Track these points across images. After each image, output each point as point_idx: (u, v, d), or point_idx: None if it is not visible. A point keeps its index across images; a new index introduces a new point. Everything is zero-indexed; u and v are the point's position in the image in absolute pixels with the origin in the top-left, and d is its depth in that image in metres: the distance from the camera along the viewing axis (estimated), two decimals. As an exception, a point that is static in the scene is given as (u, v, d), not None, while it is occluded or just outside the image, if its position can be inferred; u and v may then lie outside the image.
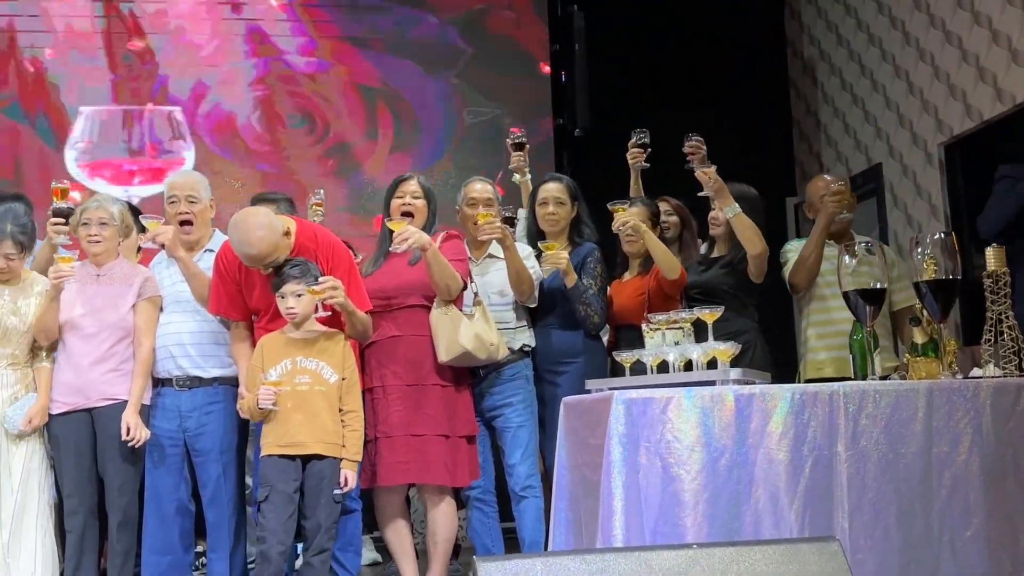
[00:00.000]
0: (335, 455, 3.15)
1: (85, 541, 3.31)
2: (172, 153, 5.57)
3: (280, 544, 3.07)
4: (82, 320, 3.34)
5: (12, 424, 3.22)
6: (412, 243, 3.21)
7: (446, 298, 3.35)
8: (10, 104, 5.52)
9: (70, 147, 5.47)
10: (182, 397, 3.42)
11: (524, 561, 1.82)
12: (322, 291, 3.08)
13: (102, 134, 5.54)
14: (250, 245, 3.04)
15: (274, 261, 3.12)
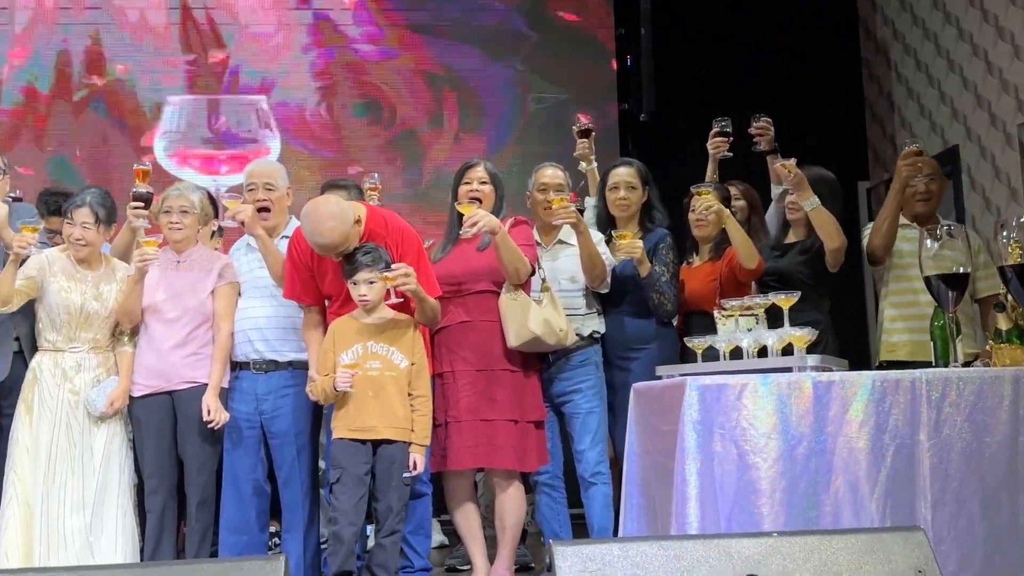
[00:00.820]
0: (404, 439, 3.19)
1: (165, 520, 3.41)
2: (258, 143, 5.67)
3: (352, 525, 3.13)
4: (163, 305, 3.43)
5: (94, 406, 3.32)
6: (482, 226, 3.22)
7: (515, 282, 3.36)
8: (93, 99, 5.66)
9: (159, 138, 5.61)
10: (259, 380, 3.49)
11: (601, 546, 1.82)
12: (394, 278, 3.12)
13: (189, 124, 5.67)
14: (321, 235, 3.08)
15: (345, 249, 3.17)
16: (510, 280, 3.36)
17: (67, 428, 3.29)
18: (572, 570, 1.77)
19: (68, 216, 3.34)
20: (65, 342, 3.33)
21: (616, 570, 1.78)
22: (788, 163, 3.51)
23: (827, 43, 6.19)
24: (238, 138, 5.69)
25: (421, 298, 3.20)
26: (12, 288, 3.21)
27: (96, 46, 5.69)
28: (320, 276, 3.31)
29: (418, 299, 3.21)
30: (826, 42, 6.19)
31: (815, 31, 6.12)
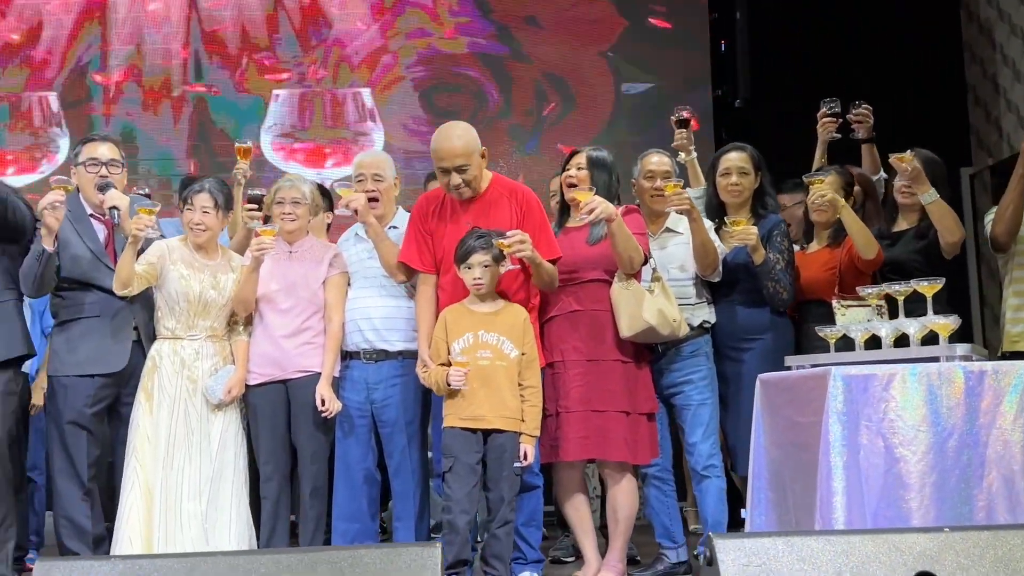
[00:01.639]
0: (514, 430, 3.17)
1: (279, 507, 3.44)
2: (362, 135, 5.71)
3: (465, 513, 3.12)
4: (277, 295, 3.47)
5: (213, 394, 3.37)
6: (599, 213, 3.18)
7: (628, 271, 3.31)
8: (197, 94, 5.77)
9: (264, 132, 5.68)
10: (369, 370, 3.51)
11: (764, 540, 1.77)
12: (510, 244, 3.11)
13: (294, 117, 5.73)
14: (449, 139, 3.23)
15: (468, 175, 3.21)
16: (624, 269, 3.31)
17: (185, 415, 3.34)
18: (735, 564, 1.73)
19: (188, 202, 3.39)
20: (184, 330, 3.39)
21: (781, 565, 1.73)
22: (905, 156, 3.39)
23: (926, 26, 5.98)
24: (342, 130, 5.72)
25: (537, 264, 3.20)
26: (132, 271, 3.27)
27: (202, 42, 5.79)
28: (438, 238, 3.33)
29: (534, 264, 3.21)
30: (925, 25, 5.98)
31: (914, 13, 5.92)
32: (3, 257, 3.31)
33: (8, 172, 5.29)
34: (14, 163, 5.47)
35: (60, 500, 3.37)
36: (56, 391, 3.39)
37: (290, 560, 1.69)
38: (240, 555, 1.69)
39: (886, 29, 5.84)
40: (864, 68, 5.60)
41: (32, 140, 5.60)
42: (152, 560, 1.68)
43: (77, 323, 3.40)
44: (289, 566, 1.67)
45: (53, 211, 3.17)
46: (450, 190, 3.32)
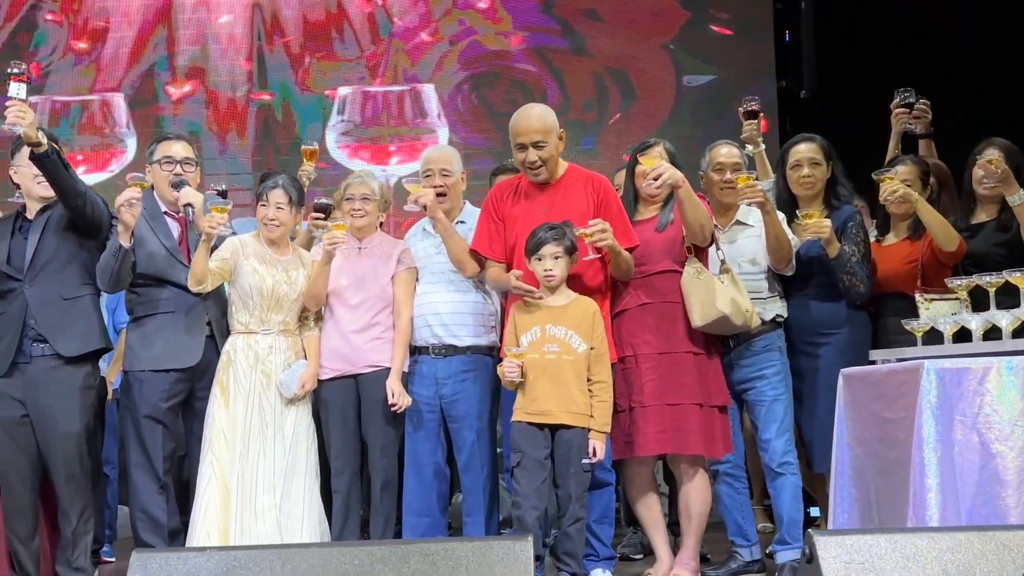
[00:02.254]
0: (582, 425, 3.13)
1: (350, 500, 3.46)
2: (426, 131, 5.72)
3: (534, 509, 3.10)
4: (346, 291, 3.48)
5: (287, 389, 3.40)
6: (667, 178, 3.14)
7: (700, 242, 3.27)
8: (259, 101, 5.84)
9: (328, 130, 5.72)
10: (438, 365, 3.50)
11: (866, 538, 1.73)
12: (591, 233, 3.08)
13: (358, 115, 5.76)
14: (528, 116, 3.27)
15: (545, 152, 3.22)
16: (695, 239, 3.26)
17: (260, 409, 3.37)
18: (836, 561, 1.68)
19: (262, 198, 3.42)
20: (257, 324, 3.42)
21: (885, 563, 1.68)
22: (993, 158, 3.30)
23: (999, 14, 5.81)
24: (406, 127, 5.74)
25: (616, 252, 3.19)
26: (206, 268, 3.30)
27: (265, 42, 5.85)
28: (510, 225, 3.33)
29: (613, 253, 3.19)
30: (998, 13, 5.80)
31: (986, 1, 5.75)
32: (81, 252, 3.37)
33: (79, 171, 5.39)
34: (84, 162, 5.57)
35: (136, 493, 3.43)
36: (132, 386, 3.44)
37: (383, 552, 1.68)
38: (333, 547, 1.69)
39: (954, 16, 5.68)
40: (932, 57, 5.46)
41: (101, 140, 5.70)
42: (247, 552, 1.68)
43: (152, 319, 3.45)
44: (382, 558, 1.67)
45: (130, 208, 3.22)
46: (526, 169, 3.32)
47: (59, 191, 3.24)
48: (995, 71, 5.69)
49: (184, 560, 1.71)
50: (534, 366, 3.12)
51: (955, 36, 5.64)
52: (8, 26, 5.83)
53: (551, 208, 3.32)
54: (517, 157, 3.34)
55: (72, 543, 3.31)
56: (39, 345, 3.28)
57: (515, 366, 3.10)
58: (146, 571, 1.70)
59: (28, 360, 3.28)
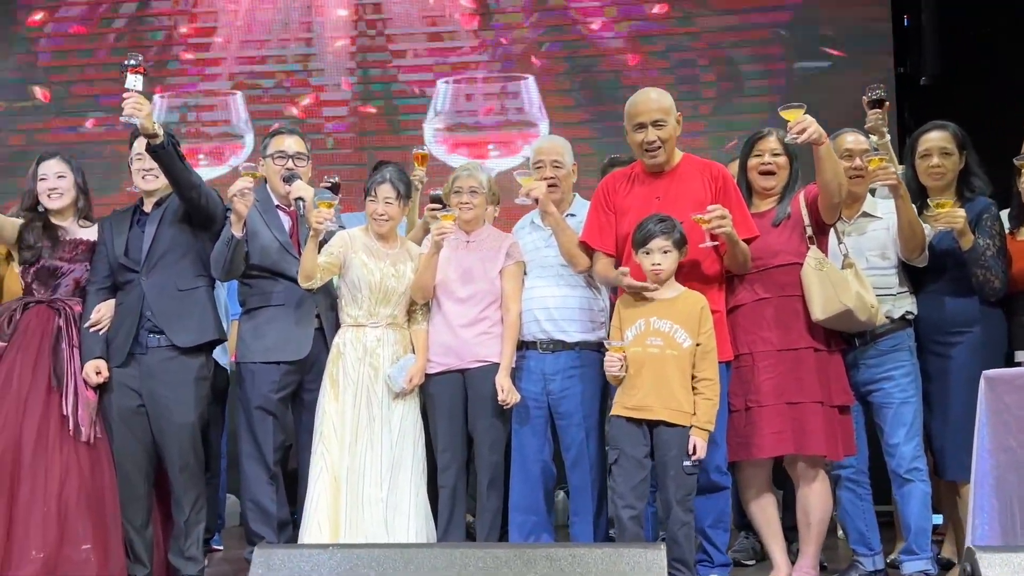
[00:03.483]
0: (683, 423, 3.01)
1: (457, 496, 3.42)
2: (527, 124, 5.63)
3: (630, 508, 3.00)
4: (454, 284, 3.44)
5: (395, 383, 3.37)
6: (811, 133, 2.98)
7: (836, 199, 3.12)
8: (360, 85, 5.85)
9: (427, 124, 5.68)
10: (546, 360, 3.43)
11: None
12: (710, 219, 2.98)
13: (456, 109, 5.68)
14: (647, 95, 3.23)
15: (664, 132, 3.15)
16: (832, 198, 3.10)
17: (368, 402, 3.36)
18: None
19: (371, 193, 3.41)
20: (366, 317, 3.40)
21: (1058, 585, 1.52)
22: None
23: None
24: (507, 120, 5.66)
25: (734, 242, 3.06)
26: (315, 264, 3.30)
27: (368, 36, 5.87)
28: (621, 216, 3.24)
29: (731, 243, 3.07)
30: None
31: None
32: (196, 244, 3.41)
33: (198, 165, 5.50)
34: (201, 156, 5.67)
35: (247, 484, 3.46)
36: (244, 377, 3.48)
37: (507, 555, 1.62)
38: (456, 548, 1.63)
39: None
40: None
41: (219, 134, 5.79)
42: (369, 550, 1.64)
43: (263, 311, 3.48)
44: (506, 561, 1.60)
45: (242, 197, 3.24)
46: (642, 152, 3.23)
47: (174, 183, 3.29)
48: None
49: (307, 557, 1.68)
50: (636, 360, 3.03)
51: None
52: (121, 20, 5.98)
53: (666, 196, 3.22)
54: (634, 139, 3.25)
55: (185, 532, 3.36)
56: (155, 336, 3.33)
57: (615, 359, 3.01)
58: (268, 567, 1.67)
59: (144, 351, 3.33)
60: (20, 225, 3.42)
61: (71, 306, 3.39)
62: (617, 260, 3.29)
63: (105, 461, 3.28)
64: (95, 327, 3.34)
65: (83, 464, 3.22)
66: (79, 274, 3.42)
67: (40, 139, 5.75)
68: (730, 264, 3.16)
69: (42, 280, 3.40)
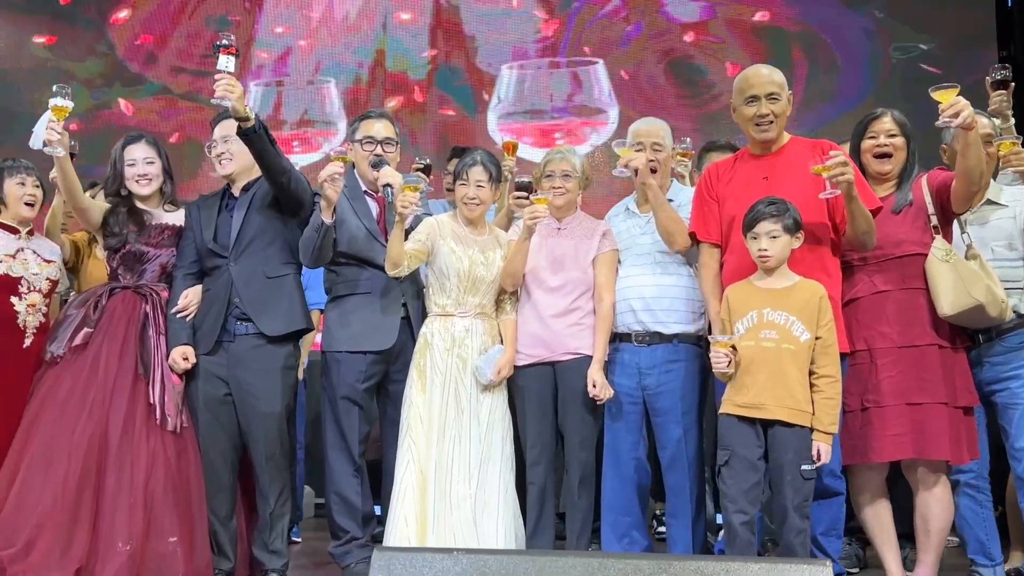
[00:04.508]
0: (802, 423, 2.81)
1: (546, 493, 3.28)
2: (596, 112, 5.44)
3: (742, 513, 2.82)
4: (545, 273, 3.30)
5: (483, 375, 3.25)
6: (966, 116, 2.76)
7: (975, 188, 2.93)
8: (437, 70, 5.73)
9: (491, 110, 5.53)
10: (641, 353, 3.27)
11: None
12: (831, 167, 2.79)
13: (522, 94, 5.51)
14: (759, 70, 3.10)
15: (777, 107, 3.03)
16: (971, 184, 2.89)
17: (456, 395, 3.23)
18: None
19: (462, 176, 3.28)
20: (454, 306, 3.28)
21: None
22: None
23: None
24: (574, 107, 5.47)
25: (852, 197, 2.85)
26: (402, 251, 3.19)
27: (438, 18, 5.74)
28: (724, 201, 3.10)
29: (850, 200, 2.86)
30: None
31: None
32: (284, 231, 3.32)
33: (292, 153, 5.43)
34: (296, 143, 5.60)
35: (332, 475, 3.36)
36: (330, 366, 3.38)
37: (651, 567, 1.47)
38: (594, 557, 1.50)
39: None
40: None
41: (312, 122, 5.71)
42: (497, 557, 1.51)
43: (349, 299, 3.38)
44: (651, 573, 1.44)
45: (332, 183, 3.14)
46: (753, 127, 3.08)
47: (264, 168, 3.20)
48: None
49: (431, 562, 1.55)
50: (748, 355, 2.84)
51: None
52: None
53: (774, 176, 3.04)
54: (745, 113, 3.08)
55: (269, 525, 3.27)
56: (243, 324, 3.25)
57: (723, 355, 2.82)
58: (389, 572, 1.54)
59: (232, 339, 3.25)
60: (106, 210, 3.35)
61: (158, 292, 3.32)
62: (723, 250, 3.12)
63: (191, 451, 3.21)
64: (182, 313, 3.27)
65: (169, 454, 3.14)
66: (165, 259, 3.35)
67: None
68: (851, 235, 2.95)
69: (128, 265, 3.33)
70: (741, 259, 2.99)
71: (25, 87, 5.83)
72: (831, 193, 2.84)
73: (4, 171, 3.32)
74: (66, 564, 2.94)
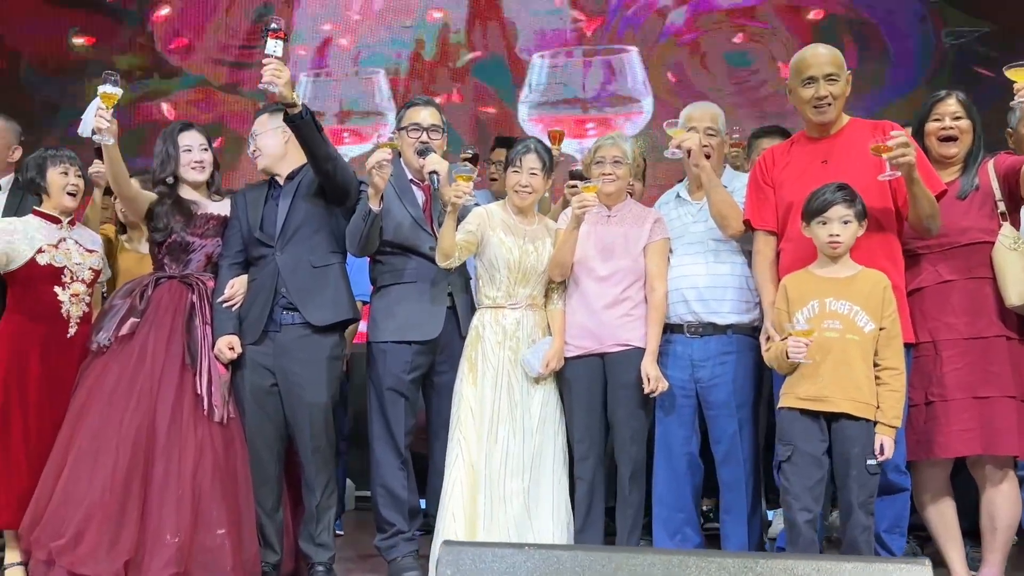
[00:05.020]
0: (867, 416, 2.72)
1: (595, 488, 3.21)
2: (630, 101, 5.32)
3: (806, 511, 2.73)
4: (594, 262, 3.23)
5: (531, 367, 3.18)
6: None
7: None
8: (476, 61, 5.65)
9: (522, 101, 5.44)
10: (694, 345, 3.19)
11: None
12: (894, 146, 2.69)
13: (554, 84, 5.40)
14: (816, 49, 3.01)
15: (836, 88, 2.94)
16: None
17: (508, 388, 3.17)
18: None
19: (515, 164, 3.21)
20: (504, 298, 3.22)
21: None
22: None
23: None
24: (608, 97, 5.34)
25: (914, 180, 2.75)
26: (454, 241, 3.13)
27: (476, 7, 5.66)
28: (781, 186, 3.01)
29: (912, 182, 2.76)
30: None
31: None
32: (330, 220, 3.28)
33: (342, 143, 5.38)
34: (346, 135, 5.55)
35: (378, 468, 3.31)
36: (375, 357, 3.32)
37: (736, 565, 1.40)
38: (675, 555, 1.43)
39: None
40: None
41: (361, 112, 5.64)
42: (572, 552, 1.45)
43: (394, 288, 3.33)
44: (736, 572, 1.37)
45: (380, 170, 3.08)
46: (811, 109, 2.99)
47: (311, 155, 3.15)
48: None
49: (501, 557, 1.49)
50: (810, 345, 2.74)
51: None
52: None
53: (832, 159, 2.95)
54: (802, 94, 3.00)
55: (316, 517, 3.23)
56: (289, 313, 3.20)
57: (803, 344, 2.73)
58: (457, 566, 1.49)
59: (278, 328, 3.21)
60: (153, 201, 3.33)
61: (204, 281, 3.29)
62: (779, 237, 3.03)
63: (237, 442, 3.17)
64: (228, 303, 3.24)
65: (216, 445, 3.10)
66: (210, 249, 3.32)
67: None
68: (914, 217, 2.85)
69: (174, 255, 3.30)
70: (799, 246, 2.91)
71: (65, 80, 5.84)
72: (891, 175, 2.75)
73: (48, 159, 3.30)
74: (114, 556, 2.91)
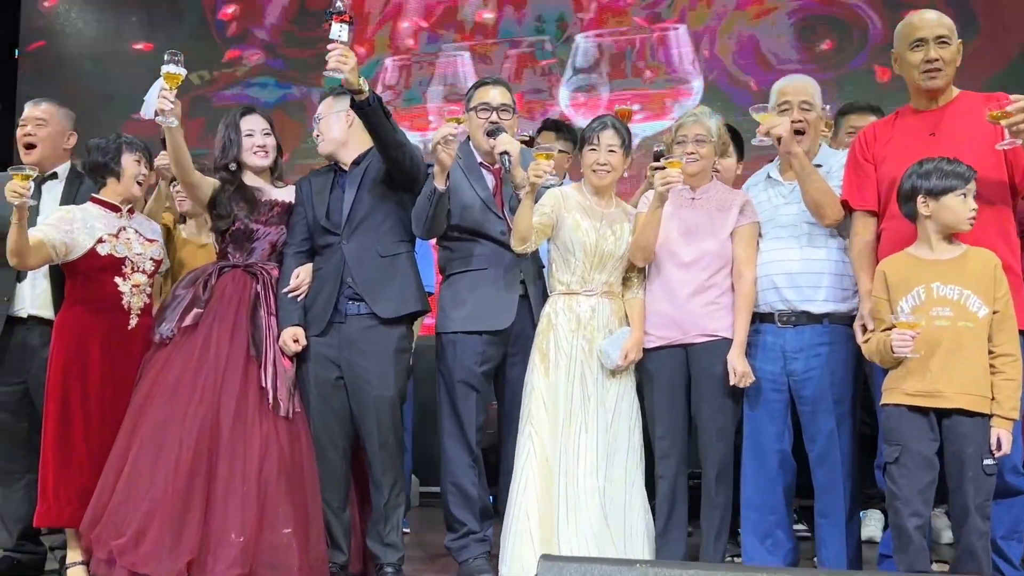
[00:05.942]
0: (983, 411, 2.51)
1: (677, 489, 3.02)
2: (678, 82, 5.06)
3: (916, 516, 2.53)
4: (678, 246, 3.03)
5: (608, 359, 3.00)
6: None
7: None
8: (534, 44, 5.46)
9: (564, 84, 5.22)
10: (786, 335, 2.97)
11: None
12: (1015, 111, 2.50)
13: (598, 64, 5.17)
14: (926, 15, 2.83)
15: (947, 52, 2.76)
16: None
17: (582, 379, 3.00)
18: None
19: (591, 141, 3.03)
20: (579, 284, 3.04)
21: None
22: None
23: None
24: (654, 77, 5.08)
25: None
26: (531, 224, 2.96)
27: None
28: (881, 161, 2.81)
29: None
30: None
31: None
32: (398, 208, 3.13)
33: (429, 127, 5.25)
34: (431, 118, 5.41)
35: (448, 465, 3.16)
36: (445, 349, 3.17)
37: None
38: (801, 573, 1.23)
39: None
40: None
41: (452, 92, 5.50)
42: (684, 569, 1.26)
43: (464, 276, 3.17)
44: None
45: (446, 145, 2.92)
46: (920, 74, 2.79)
47: (379, 142, 3.01)
48: None
49: (606, 573, 1.30)
50: (919, 336, 2.53)
51: None
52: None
53: (941, 132, 2.74)
54: (911, 59, 2.80)
55: (384, 516, 3.09)
56: (355, 304, 3.06)
57: (909, 336, 2.51)
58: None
59: (343, 319, 3.07)
60: (215, 188, 3.21)
61: (268, 271, 3.16)
62: (879, 219, 2.81)
63: (303, 437, 3.03)
64: (293, 293, 3.10)
65: (282, 440, 2.97)
66: (275, 237, 3.19)
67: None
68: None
69: (237, 244, 3.18)
70: (900, 224, 2.69)
71: (122, 71, 5.80)
72: (1010, 143, 2.56)
73: (124, 145, 3.21)
74: (177, 556, 2.79)
